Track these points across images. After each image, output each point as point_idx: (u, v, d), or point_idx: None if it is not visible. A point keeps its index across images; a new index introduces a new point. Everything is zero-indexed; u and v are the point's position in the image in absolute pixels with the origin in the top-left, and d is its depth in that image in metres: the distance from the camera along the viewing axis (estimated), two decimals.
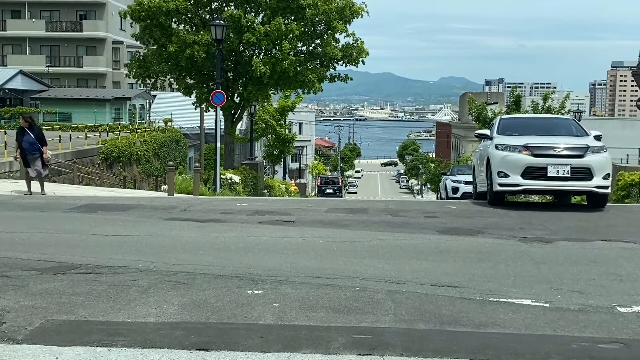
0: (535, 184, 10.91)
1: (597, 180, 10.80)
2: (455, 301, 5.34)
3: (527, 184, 10.93)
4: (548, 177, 10.80)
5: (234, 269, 6.32)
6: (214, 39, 20.36)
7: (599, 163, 10.85)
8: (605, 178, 10.89)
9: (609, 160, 11.11)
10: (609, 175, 11.00)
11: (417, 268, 6.49)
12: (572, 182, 10.85)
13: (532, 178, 10.88)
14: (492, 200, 11.53)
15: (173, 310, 5.00)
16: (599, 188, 10.85)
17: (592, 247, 7.85)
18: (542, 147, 11.00)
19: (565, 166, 10.76)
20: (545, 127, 12.50)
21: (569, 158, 10.82)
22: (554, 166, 10.78)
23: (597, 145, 11.13)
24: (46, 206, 11.18)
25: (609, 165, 11.03)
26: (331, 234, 8.46)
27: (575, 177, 10.80)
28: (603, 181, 10.86)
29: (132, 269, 6.34)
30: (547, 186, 11.01)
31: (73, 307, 5.09)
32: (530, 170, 10.87)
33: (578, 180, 10.82)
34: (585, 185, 10.84)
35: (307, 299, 5.31)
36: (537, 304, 5.33)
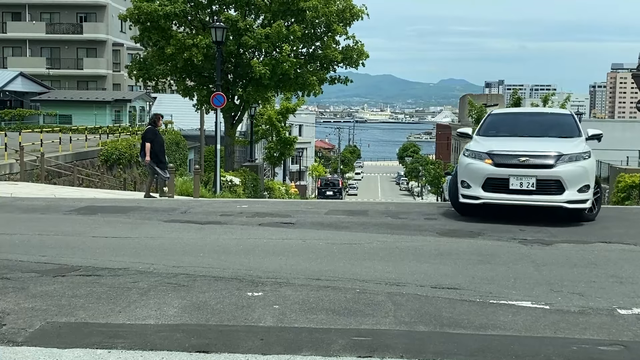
0: (496, 197, 9.45)
1: (569, 194, 9.26)
2: (456, 303, 5.34)
3: (487, 197, 9.51)
4: (510, 190, 9.35)
5: (234, 271, 6.32)
6: (214, 41, 20.37)
7: (572, 174, 9.29)
8: (583, 190, 9.36)
9: (588, 170, 9.49)
10: (589, 187, 9.44)
11: (417, 270, 6.49)
12: (538, 197, 9.32)
13: (493, 190, 9.47)
14: (460, 211, 10.30)
15: (173, 312, 5.00)
16: (571, 203, 9.28)
17: (592, 249, 7.84)
18: (505, 155, 9.52)
19: (530, 178, 9.29)
20: (534, 125, 11.07)
21: (536, 168, 9.32)
22: (517, 178, 9.32)
23: (577, 151, 9.56)
24: (46, 208, 11.18)
25: (587, 176, 9.44)
26: (331, 235, 8.46)
27: (542, 190, 9.31)
28: (578, 194, 9.30)
29: (132, 271, 6.33)
30: (510, 200, 9.44)
31: (73, 309, 5.09)
32: (492, 182, 9.49)
33: (545, 194, 9.32)
34: (553, 200, 9.31)
35: (308, 301, 5.31)
36: (538, 306, 5.33)
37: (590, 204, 9.61)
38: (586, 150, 9.77)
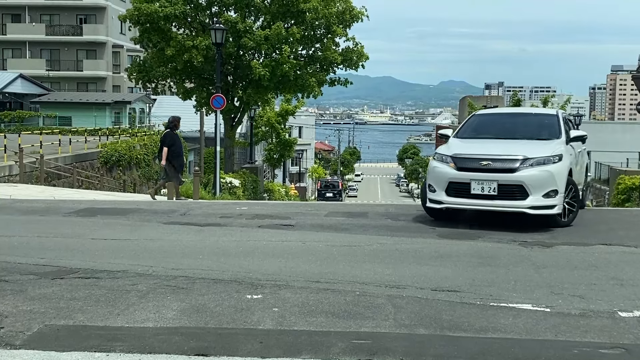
0: (458, 202, 9.25)
1: (533, 199, 8.89)
2: (456, 306, 5.32)
3: (449, 201, 9.32)
4: (472, 194, 9.10)
5: (233, 274, 6.29)
6: (214, 43, 20.37)
7: (536, 179, 8.91)
8: (549, 195, 8.96)
9: (555, 174, 9.03)
10: (556, 192, 9.02)
11: (417, 272, 6.47)
12: (499, 202, 9.00)
13: (455, 195, 9.26)
14: (431, 215, 10.03)
15: (172, 315, 4.98)
16: (535, 209, 8.93)
17: (592, 252, 7.82)
18: (467, 159, 9.30)
19: (491, 182, 8.99)
20: (514, 127, 10.73)
21: (497, 173, 9.01)
22: (478, 182, 9.05)
23: (545, 155, 9.17)
24: (45, 210, 11.15)
25: (554, 180, 8.99)
26: (331, 238, 8.44)
27: (504, 195, 8.98)
28: (544, 200, 8.92)
29: (131, 273, 6.31)
30: (471, 205, 9.21)
31: (71, 312, 5.06)
32: (454, 186, 9.27)
33: (507, 199, 8.98)
34: (515, 206, 8.96)
35: (307, 304, 5.28)
36: (538, 308, 5.30)
37: (559, 210, 9.12)
38: (556, 153, 9.28)
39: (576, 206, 9.62)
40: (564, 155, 9.36)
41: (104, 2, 57.43)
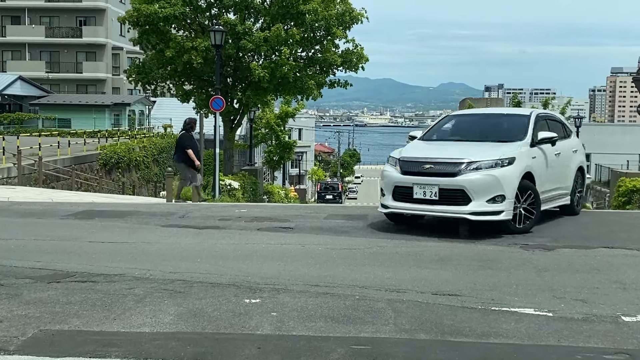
0: (402, 206, 9.02)
1: (475, 204, 8.50)
2: (457, 310, 5.24)
3: (394, 206, 9.10)
4: (414, 199, 8.82)
5: (231, 277, 6.22)
6: (213, 45, 20.31)
7: (479, 183, 8.51)
8: (495, 201, 8.55)
9: (501, 179, 8.58)
10: (503, 197, 8.58)
11: (418, 276, 6.40)
12: (441, 207, 8.68)
13: (400, 199, 9.02)
14: (390, 219, 9.81)
15: (169, 319, 4.90)
16: (477, 215, 8.54)
17: (594, 255, 7.75)
18: (410, 162, 9.05)
19: (433, 187, 8.67)
20: (481, 128, 10.40)
21: (439, 177, 8.69)
22: (420, 186, 8.76)
23: (493, 158, 8.74)
24: (43, 213, 11.08)
25: (500, 185, 8.56)
26: (330, 240, 8.36)
27: (446, 200, 8.64)
28: (488, 206, 8.52)
29: (128, 277, 6.24)
30: (414, 210, 8.98)
31: (67, 316, 4.99)
32: (399, 190, 9.05)
33: (449, 205, 8.63)
34: (456, 212, 8.60)
35: (306, 308, 5.21)
36: (540, 313, 5.23)
37: (507, 216, 8.64)
38: (507, 156, 8.81)
39: (535, 212, 9.04)
40: (517, 159, 8.86)
41: (104, 4, 57.41)
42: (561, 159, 10.27)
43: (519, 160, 8.94)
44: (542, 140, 9.64)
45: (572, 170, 10.86)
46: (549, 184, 9.85)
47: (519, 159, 8.95)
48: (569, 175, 10.72)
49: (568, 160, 10.67)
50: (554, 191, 10.17)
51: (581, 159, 11.37)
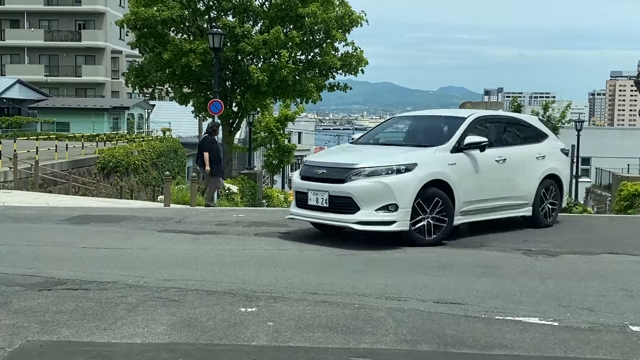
0: (300, 213, 8.66)
1: (363, 213, 7.96)
2: (460, 320, 5.08)
3: (295, 212, 8.78)
4: (309, 205, 8.45)
5: (227, 285, 6.05)
6: (212, 48, 20.19)
7: (367, 190, 7.95)
8: (387, 209, 7.95)
9: (393, 186, 7.95)
10: (396, 207, 7.94)
11: (419, 283, 6.23)
12: (330, 215, 8.21)
13: (300, 206, 8.68)
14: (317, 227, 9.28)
15: (161, 330, 4.73)
16: (364, 224, 7.99)
17: (599, 261, 7.60)
18: (309, 166, 8.74)
19: (323, 193, 8.24)
20: (413, 131, 9.85)
21: (329, 183, 8.24)
22: (313, 192, 8.37)
23: (388, 164, 8.15)
24: (38, 217, 10.91)
25: (392, 193, 7.92)
26: (329, 246, 8.18)
27: (336, 207, 8.16)
28: (377, 215, 7.95)
29: (121, 284, 6.07)
30: (309, 217, 8.60)
31: (56, 326, 4.82)
32: (298, 196, 8.73)
33: (338, 212, 8.14)
34: (343, 220, 8.09)
35: (304, 317, 5.04)
36: (546, 322, 5.07)
37: (401, 226, 8.00)
38: (405, 162, 8.17)
39: (447, 222, 8.34)
40: (419, 165, 8.17)
41: (103, 7, 57.35)
42: (510, 165, 9.34)
43: (423, 166, 8.22)
44: (469, 146, 8.80)
45: (535, 178, 9.78)
46: (484, 193, 8.96)
47: (424, 166, 8.23)
48: (526, 183, 9.66)
49: (526, 167, 9.66)
50: (498, 201, 9.24)
51: (553, 166, 10.13)
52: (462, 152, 8.78)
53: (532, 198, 9.78)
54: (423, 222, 8.23)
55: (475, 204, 8.93)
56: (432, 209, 8.27)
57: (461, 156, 8.75)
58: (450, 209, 8.42)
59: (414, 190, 8.09)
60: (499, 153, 9.25)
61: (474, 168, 8.85)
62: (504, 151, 9.39)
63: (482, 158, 8.95)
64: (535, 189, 9.80)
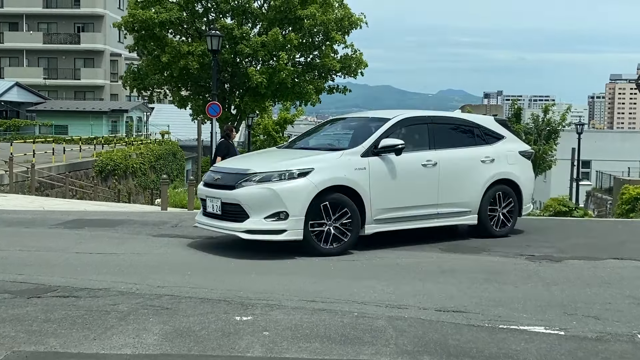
0: (201, 221, 8.27)
1: (252, 221, 7.50)
2: (463, 329, 4.90)
3: (198, 220, 8.40)
4: (207, 213, 8.13)
5: (222, 292, 5.87)
6: (210, 50, 20.03)
7: (254, 198, 7.50)
8: (277, 217, 7.47)
9: (281, 193, 7.46)
10: (286, 215, 7.46)
11: (420, 290, 6.05)
12: (223, 223, 7.81)
13: (204, 213, 8.30)
14: None
15: (152, 340, 4.55)
16: (253, 233, 7.51)
17: (603, 266, 7.43)
18: (211, 172, 8.44)
19: (216, 200, 7.91)
20: (339, 134, 9.38)
21: (222, 189, 7.86)
22: (210, 200, 8.06)
23: (279, 170, 7.69)
24: (31, 222, 10.73)
25: (281, 200, 7.44)
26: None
27: (228, 215, 7.77)
28: (265, 223, 7.46)
29: (113, 291, 5.89)
30: (207, 226, 8.15)
31: (44, 336, 4.64)
32: (203, 203, 8.40)
33: (230, 221, 7.73)
34: (233, 229, 7.66)
35: (301, 327, 4.86)
36: (552, 331, 4.89)
37: (293, 235, 7.49)
38: (299, 167, 7.66)
39: (352, 232, 7.78)
40: (315, 170, 7.64)
41: (102, 10, 57.25)
42: (443, 170, 8.60)
43: (321, 171, 7.66)
44: (384, 149, 8.15)
45: (479, 183, 8.94)
46: (407, 200, 8.31)
47: (322, 171, 7.68)
48: (467, 189, 8.85)
49: (467, 171, 8.87)
50: (429, 208, 8.52)
51: (505, 170, 9.22)
52: (378, 156, 8.15)
53: (476, 205, 8.95)
54: (325, 229, 7.67)
55: (396, 212, 8.25)
56: (336, 217, 7.72)
57: (375, 160, 8.09)
58: (356, 216, 7.83)
59: (307, 197, 7.53)
60: (427, 156, 8.56)
61: (391, 173, 8.18)
62: (435, 154, 8.63)
63: (403, 162, 8.27)
64: (479, 195, 8.96)
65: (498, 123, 9.83)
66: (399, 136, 8.48)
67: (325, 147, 8.76)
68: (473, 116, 10.13)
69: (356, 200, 7.85)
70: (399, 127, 8.64)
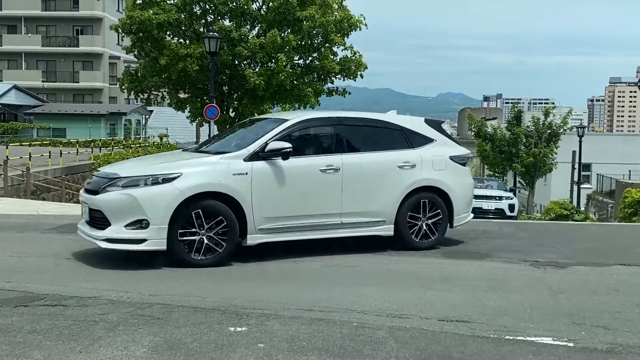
0: (79, 228, 7.80)
1: (113, 229, 7.06)
2: (467, 340, 4.68)
3: (79, 227, 7.87)
4: (86, 220, 7.71)
5: (216, 301, 5.65)
6: (208, 52, 19.81)
7: (113, 203, 7.07)
8: (140, 226, 7.01)
9: (141, 199, 6.99)
10: (147, 223, 7.00)
11: (422, 299, 5.83)
12: (91, 230, 7.38)
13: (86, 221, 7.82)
14: None
15: (141, 352, 4.33)
16: (112, 242, 7.06)
17: (610, 273, 7.23)
18: (94, 177, 8.08)
19: (85, 205, 7.59)
20: (242, 136, 8.54)
21: (90, 194, 7.44)
22: (83, 205, 7.75)
23: (144, 174, 7.24)
24: (24, 226, 10.51)
25: (140, 208, 6.97)
26: (327, 257, 7.77)
27: (95, 222, 7.36)
28: (126, 232, 7.02)
29: (102, 300, 5.67)
30: (82, 233, 7.65)
31: (28, 348, 4.42)
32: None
33: (95, 228, 7.32)
34: (94, 236, 7.24)
35: (297, 338, 4.64)
36: (560, 343, 4.68)
37: (154, 245, 7.03)
38: (164, 172, 7.21)
39: (227, 242, 7.23)
40: (184, 175, 7.14)
41: (101, 13, 57.05)
42: (348, 176, 7.88)
43: (191, 177, 7.16)
44: (271, 153, 7.53)
45: (395, 190, 8.15)
46: (300, 208, 7.66)
47: (192, 176, 7.17)
48: (379, 197, 8.07)
49: (378, 177, 8.11)
50: (329, 217, 7.81)
51: (430, 176, 8.40)
52: (265, 160, 7.55)
53: (391, 214, 8.16)
54: (197, 239, 7.14)
55: (286, 221, 7.60)
56: (210, 225, 7.19)
57: (260, 165, 7.50)
58: (233, 225, 7.26)
59: (170, 204, 7.02)
60: (328, 161, 7.83)
61: (280, 179, 7.56)
62: (339, 159, 7.89)
63: (295, 167, 7.65)
64: (395, 203, 8.16)
65: (429, 125, 8.96)
66: (298, 139, 7.89)
67: (227, 151, 7.91)
68: (395, 117, 9.22)
69: (236, 208, 7.29)
70: (299, 130, 8.00)
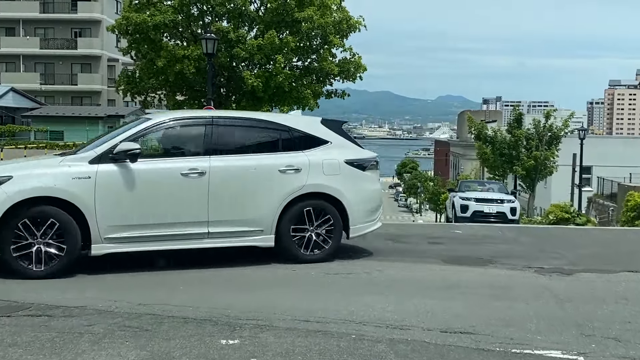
0: None
1: None
2: (472, 353, 4.43)
3: None
4: None
5: (208, 310, 5.40)
6: (205, 53, 19.58)
7: None
8: None
9: None
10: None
11: (423, 308, 5.58)
12: None
13: None
14: None
15: None
16: None
17: (618, 280, 6.98)
18: None
19: None
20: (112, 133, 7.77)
21: None
22: None
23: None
24: None
25: None
26: (324, 264, 7.52)
27: None
28: None
29: (89, 309, 5.42)
30: None
31: None
32: None
33: None
34: None
35: (292, 352, 4.40)
36: (570, 356, 4.44)
37: None
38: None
39: (66, 252, 6.66)
40: (15, 178, 6.64)
41: (99, 15, 56.81)
42: (216, 180, 7.22)
43: (23, 180, 6.66)
44: (121, 155, 6.93)
45: (274, 197, 7.42)
46: (155, 216, 7.00)
47: (24, 179, 6.68)
48: (254, 204, 7.36)
49: (254, 183, 7.41)
50: (192, 227, 7.11)
51: (318, 182, 7.62)
52: (116, 163, 6.95)
53: (270, 224, 7.43)
54: (34, 249, 6.62)
55: (139, 230, 6.95)
56: (42, 233, 6.63)
57: (107, 168, 6.91)
58: (73, 234, 6.70)
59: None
60: (192, 165, 7.18)
61: (131, 184, 6.94)
62: (207, 162, 7.23)
63: (151, 171, 7.06)
64: (275, 211, 7.43)
65: (326, 126, 8.13)
66: (163, 140, 7.41)
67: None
68: (283, 117, 8.57)
69: (77, 215, 6.73)
70: (162, 130, 7.39)
